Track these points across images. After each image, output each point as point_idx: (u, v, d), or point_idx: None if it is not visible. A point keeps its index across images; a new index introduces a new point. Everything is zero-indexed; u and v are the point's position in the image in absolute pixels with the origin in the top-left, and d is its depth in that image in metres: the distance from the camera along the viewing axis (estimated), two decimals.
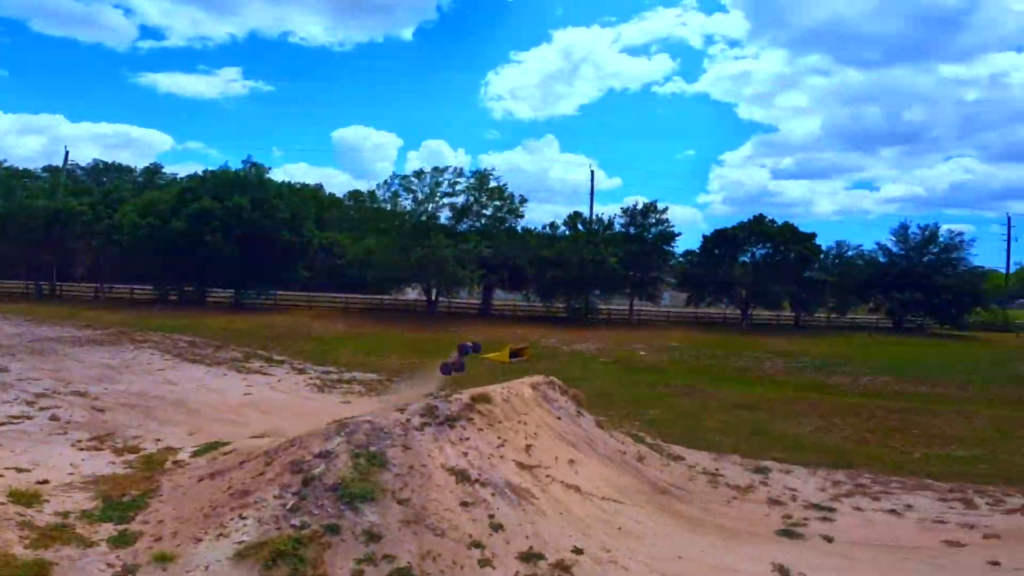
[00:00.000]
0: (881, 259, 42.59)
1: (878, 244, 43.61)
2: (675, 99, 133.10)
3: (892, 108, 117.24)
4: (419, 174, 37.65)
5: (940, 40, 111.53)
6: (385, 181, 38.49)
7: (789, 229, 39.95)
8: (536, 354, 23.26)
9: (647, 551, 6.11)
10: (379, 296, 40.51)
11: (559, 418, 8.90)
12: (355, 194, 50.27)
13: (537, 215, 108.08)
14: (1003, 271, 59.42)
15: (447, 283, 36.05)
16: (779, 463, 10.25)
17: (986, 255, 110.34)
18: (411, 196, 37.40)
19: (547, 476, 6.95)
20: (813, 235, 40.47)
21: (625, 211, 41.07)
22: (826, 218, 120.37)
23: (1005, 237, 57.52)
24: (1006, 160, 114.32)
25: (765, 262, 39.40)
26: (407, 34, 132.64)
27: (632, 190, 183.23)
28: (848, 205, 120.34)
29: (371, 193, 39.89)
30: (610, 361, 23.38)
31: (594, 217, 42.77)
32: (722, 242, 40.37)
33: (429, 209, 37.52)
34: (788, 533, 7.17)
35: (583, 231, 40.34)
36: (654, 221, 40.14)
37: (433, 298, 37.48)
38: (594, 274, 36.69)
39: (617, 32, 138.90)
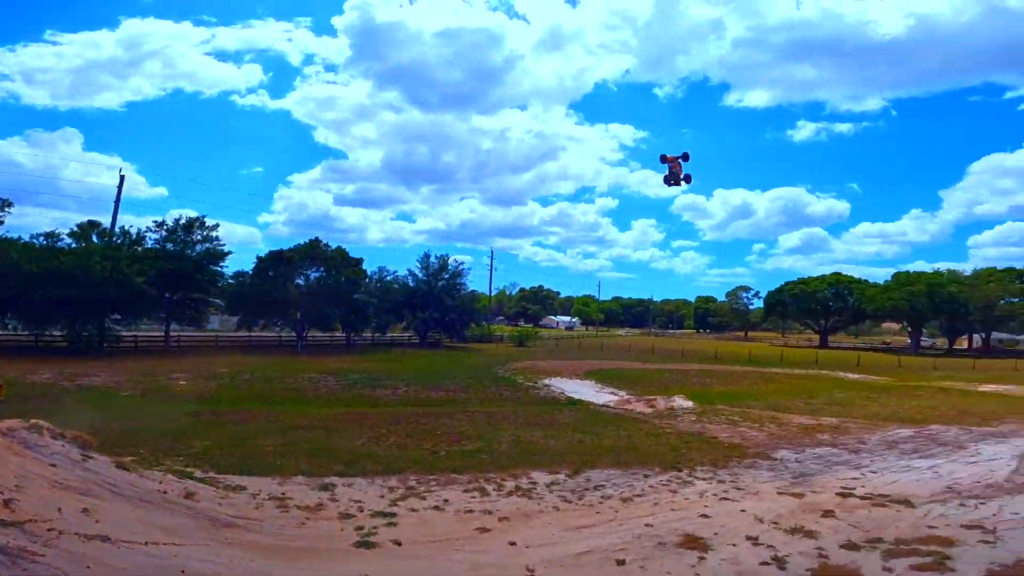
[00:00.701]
0: (411, 283, 49.94)
1: (409, 270, 51.31)
2: (254, 112, 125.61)
3: (435, 149, 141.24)
4: None
5: (480, 92, 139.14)
6: None
7: (341, 254, 42.41)
8: (19, 394, 17.13)
9: None
10: None
11: (54, 465, 7.73)
12: None
13: (37, 220, 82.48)
14: (487, 293, 79.68)
15: None
16: (341, 478, 10.34)
17: (478, 281, 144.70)
18: None
19: (51, 530, 6.01)
20: (361, 260, 44.26)
21: (160, 225, 35.57)
22: (375, 244, 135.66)
23: (489, 267, 77.99)
24: (496, 204, 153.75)
25: (319, 284, 40.49)
26: None
27: (183, 203, 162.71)
28: (392, 234, 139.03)
29: None
30: (136, 394, 19.31)
31: (119, 229, 35.27)
32: (278, 263, 39.41)
33: None
34: (364, 544, 7.27)
35: (99, 244, 32.93)
36: (200, 238, 36.04)
37: None
38: (114, 295, 30.21)
39: (212, 33, 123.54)
